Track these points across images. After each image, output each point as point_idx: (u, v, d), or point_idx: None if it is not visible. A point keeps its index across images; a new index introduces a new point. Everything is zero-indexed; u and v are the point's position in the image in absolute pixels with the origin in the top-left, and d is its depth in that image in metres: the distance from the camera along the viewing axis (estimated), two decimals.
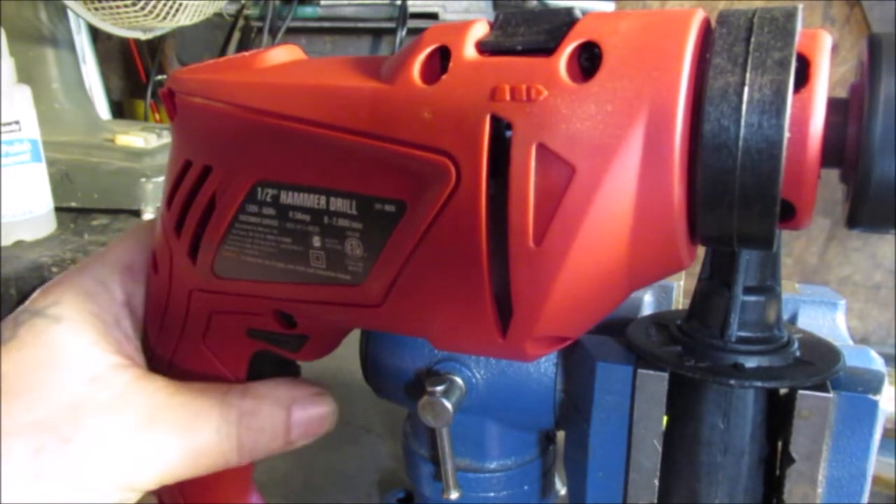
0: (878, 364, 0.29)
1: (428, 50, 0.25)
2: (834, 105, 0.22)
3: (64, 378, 0.29)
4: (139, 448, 0.29)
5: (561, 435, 0.36)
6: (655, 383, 0.28)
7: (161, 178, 0.88)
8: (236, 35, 1.30)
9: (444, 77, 0.24)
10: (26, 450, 0.28)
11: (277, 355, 0.33)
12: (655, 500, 0.30)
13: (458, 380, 0.34)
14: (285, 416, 0.32)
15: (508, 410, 0.36)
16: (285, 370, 0.37)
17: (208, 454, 0.31)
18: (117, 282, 0.34)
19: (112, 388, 0.30)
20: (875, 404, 0.27)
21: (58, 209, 0.85)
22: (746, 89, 0.20)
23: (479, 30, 0.25)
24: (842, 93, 0.23)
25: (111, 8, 0.82)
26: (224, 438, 0.31)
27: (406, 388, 0.37)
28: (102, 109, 1.20)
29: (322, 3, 1.21)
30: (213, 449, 0.31)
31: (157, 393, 0.31)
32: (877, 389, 0.27)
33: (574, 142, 0.22)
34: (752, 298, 0.28)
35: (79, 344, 0.30)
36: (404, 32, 1.18)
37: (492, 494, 0.37)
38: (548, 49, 0.23)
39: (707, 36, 0.22)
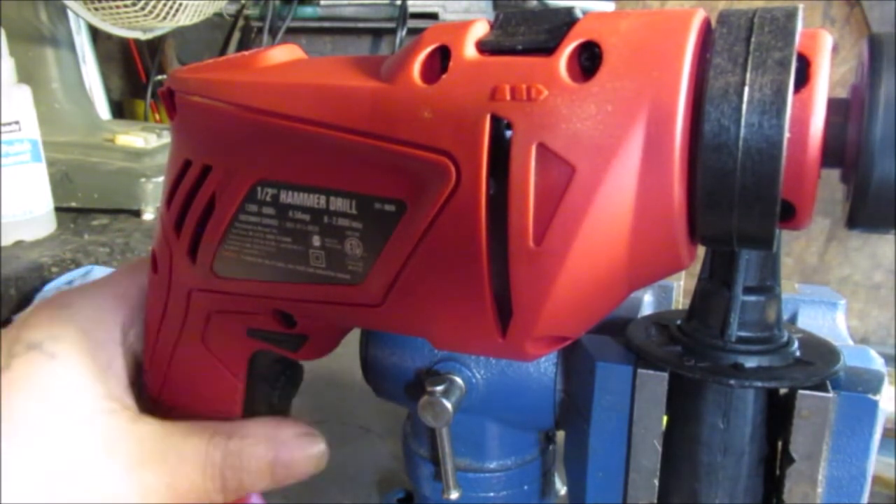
0: (878, 364, 0.29)
1: (428, 49, 0.25)
2: (834, 105, 0.22)
3: (56, 420, 0.30)
4: (127, 491, 0.30)
5: (561, 435, 0.36)
6: (655, 383, 0.28)
7: (161, 178, 0.88)
8: (236, 35, 1.30)
9: (444, 76, 0.24)
10: (20, 490, 0.28)
11: (278, 355, 0.33)
12: (655, 500, 0.30)
13: (458, 380, 0.34)
14: (271, 456, 0.32)
15: (508, 410, 0.36)
16: (287, 370, 0.37)
17: (193, 496, 0.31)
18: (115, 319, 0.34)
19: (103, 433, 0.30)
20: (875, 404, 0.27)
21: (58, 209, 0.85)
22: (747, 89, 0.20)
23: (480, 29, 0.25)
24: (842, 93, 0.23)
25: (111, 8, 0.82)
26: (209, 480, 0.31)
27: (406, 388, 0.37)
28: (102, 109, 1.20)
29: (322, 3, 1.21)
30: (197, 490, 0.31)
31: (145, 437, 0.31)
32: (877, 389, 0.27)
33: (574, 142, 0.22)
34: (752, 298, 0.28)
35: (72, 385, 0.30)
36: (404, 32, 1.18)
37: (492, 494, 0.37)
38: (548, 49, 0.23)
39: (707, 36, 0.22)
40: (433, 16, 1.18)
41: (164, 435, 0.32)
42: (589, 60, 0.23)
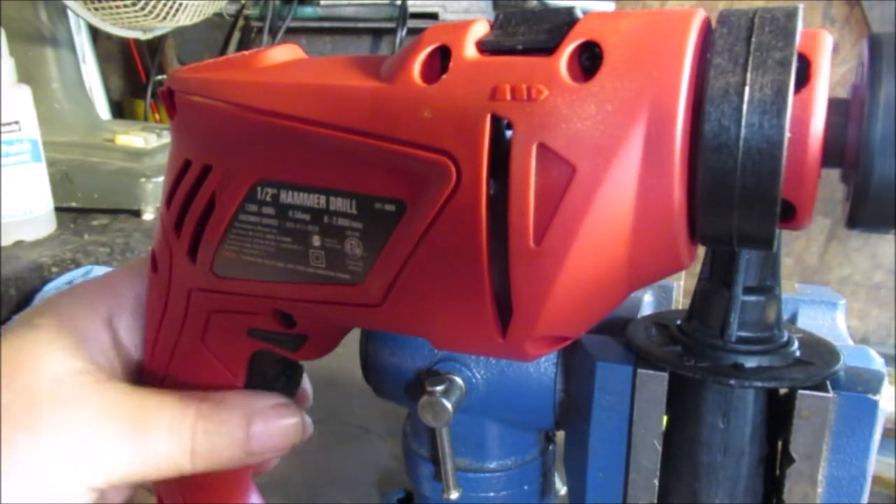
0: (878, 364, 0.29)
1: (428, 49, 0.25)
2: (834, 105, 0.22)
3: (26, 375, 0.30)
4: (91, 444, 0.30)
5: (561, 435, 0.36)
6: (655, 383, 0.28)
7: (161, 178, 0.88)
8: (236, 35, 1.31)
9: (444, 76, 0.24)
10: None
11: (278, 355, 0.33)
12: (655, 500, 0.30)
13: (458, 380, 0.34)
14: (244, 424, 0.32)
15: (508, 410, 0.36)
16: (287, 370, 0.37)
17: (159, 455, 0.31)
18: (100, 303, 0.34)
19: (71, 389, 0.30)
20: (875, 404, 0.27)
21: (58, 209, 0.85)
22: (747, 89, 0.20)
23: (480, 29, 0.25)
24: (842, 93, 0.23)
25: (111, 8, 0.82)
26: (176, 440, 0.31)
27: (406, 387, 0.37)
28: (102, 109, 1.20)
29: (322, 3, 1.21)
30: (163, 450, 0.31)
31: (115, 394, 0.31)
32: (877, 389, 0.27)
33: (574, 141, 0.22)
34: (752, 298, 0.28)
35: (48, 349, 0.31)
36: (404, 32, 1.18)
37: (492, 494, 0.37)
38: (548, 48, 0.23)
39: (708, 36, 0.22)
40: (433, 16, 1.18)
41: (134, 393, 0.32)
42: (589, 60, 0.23)
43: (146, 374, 0.35)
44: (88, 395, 0.30)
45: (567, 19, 0.23)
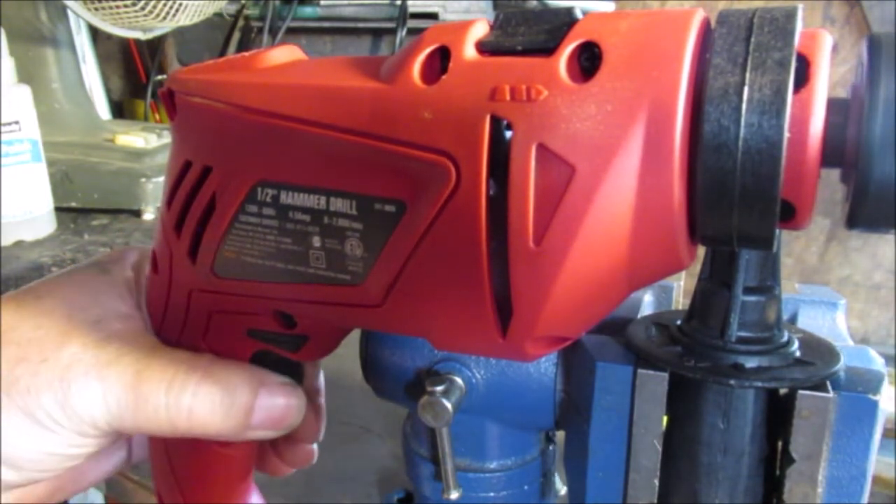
0: (878, 364, 0.29)
1: (428, 50, 0.25)
2: (834, 105, 0.22)
3: (75, 311, 0.32)
4: (94, 384, 0.30)
5: (561, 435, 0.36)
6: (655, 383, 0.28)
7: (161, 178, 0.88)
8: (236, 35, 1.31)
9: (444, 77, 0.24)
10: (8, 357, 0.30)
11: (279, 355, 0.33)
12: (655, 500, 0.30)
13: (458, 380, 0.34)
14: (251, 396, 0.32)
15: (508, 410, 0.36)
16: (287, 370, 0.37)
17: (151, 407, 0.31)
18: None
19: (103, 331, 0.32)
20: (875, 404, 0.27)
21: (58, 209, 0.85)
22: (746, 89, 0.20)
23: (479, 30, 0.25)
24: (842, 93, 0.23)
25: (111, 8, 0.82)
26: (173, 397, 0.31)
27: (406, 388, 0.37)
28: (102, 109, 1.20)
29: (322, 3, 1.21)
30: (157, 403, 0.31)
31: (131, 343, 0.32)
32: (877, 389, 0.27)
33: (574, 142, 0.22)
34: (752, 298, 0.28)
35: (105, 292, 0.34)
36: (404, 32, 1.18)
37: (492, 494, 0.37)
38: (548, 49, 0.23)
39: (707, 36, 0.22)
40: (433, 16, 1.18)
41: (152, 346, 0.32)
42: (589, 61, 0.23)
43: None
44: (116, 341, 0.32)
45: (567, 20, 0.23)
